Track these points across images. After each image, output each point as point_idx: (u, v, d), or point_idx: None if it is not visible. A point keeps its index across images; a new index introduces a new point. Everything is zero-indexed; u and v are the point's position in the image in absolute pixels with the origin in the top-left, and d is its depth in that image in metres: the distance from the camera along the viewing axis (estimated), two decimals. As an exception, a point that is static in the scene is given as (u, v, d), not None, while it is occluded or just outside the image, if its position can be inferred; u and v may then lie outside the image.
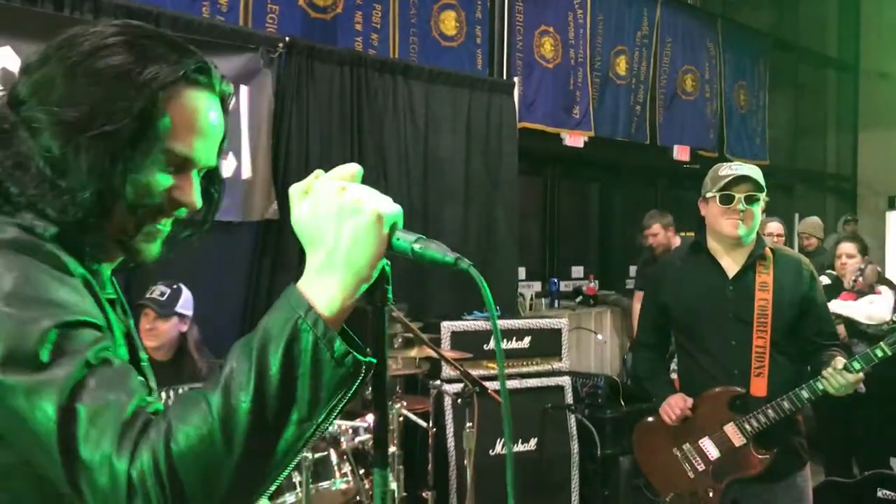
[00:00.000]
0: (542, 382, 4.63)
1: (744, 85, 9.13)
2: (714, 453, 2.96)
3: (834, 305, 4.43)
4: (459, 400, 3.66)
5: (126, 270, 1.21)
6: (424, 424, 3.82)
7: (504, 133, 5.59)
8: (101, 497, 0.87)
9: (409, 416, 3.69)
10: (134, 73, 1.06)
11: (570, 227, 7.75)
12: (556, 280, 6.93)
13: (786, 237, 5.58)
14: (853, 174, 11.49)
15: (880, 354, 2.75)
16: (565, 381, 4.72)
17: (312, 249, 0.98)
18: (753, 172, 2.89)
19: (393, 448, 3.35)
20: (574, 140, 6.88)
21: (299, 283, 0.96)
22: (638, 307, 4.28)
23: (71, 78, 1.06)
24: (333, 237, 0.96)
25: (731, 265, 2.96)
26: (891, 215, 10.68)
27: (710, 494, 2.96)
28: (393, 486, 3.33)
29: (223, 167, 1.27)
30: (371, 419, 3.42)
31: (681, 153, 8.08)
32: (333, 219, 0.96)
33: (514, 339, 4.59)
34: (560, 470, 4.60)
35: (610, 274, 7.80)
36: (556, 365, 4.71)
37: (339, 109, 4.64)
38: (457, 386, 3.72)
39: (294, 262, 4.16)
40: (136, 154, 1.07)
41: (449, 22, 5.78)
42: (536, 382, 4.61)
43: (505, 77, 5.98)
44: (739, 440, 2.90)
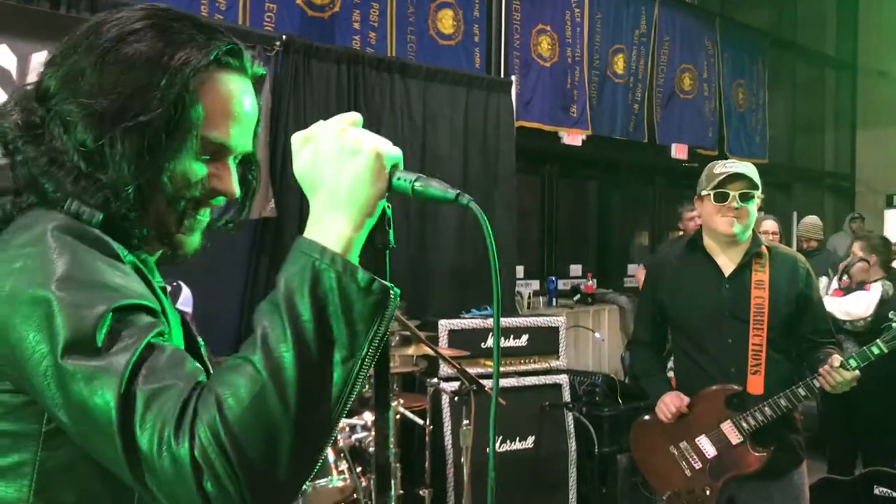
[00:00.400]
0: (540, 380, 4.63)
1: (742, 83, 9.13)
2: (711, 451, 2.96)
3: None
4: (457, 398, 3.66)
5: (168, 263, 1.19)
6: (421, 422, 3.82)
7: (501, 131, 5.58)
8: (168, 487, 0.84)
9: (407, 415, 3.69)
10: (164, 59, 1.03)
11: (568, 226, 7.75)
12: (555, 278, 6.93)
13: (782, 235, 5.57)
14: (851, 172, 11.50)
15: (877, 352, 2.76)
16: (563, 380, 4.72)
17: (314, 193, 0.97)
18: (748, 170, 2.88)
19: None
20: (572, 139, 6.88)
21: (307, 231, 0.95)
22: None
23: (100, 67, 1.03)
24: (334, 177, 0.95)
25: (728, 263, 2.96)
26: (889, 213, 10.68)
27: (707, 492, 2.96)
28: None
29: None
30: (368, 417, 3.43)
31: (679, 152, 8.08)
32: (334, 160, 0.96)
33: (512, 338, 4.58)
34: (558, 468, 4.60)
35: (608, 272, 7.80)
36: (554, 363, 4.71)
37: (337, 108, 4.63)
38: (454, 384, 3.72)
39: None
40: (172, 143, 1.04)
41: (446, 20, 5.78)
42: (534, 380, 4.61)
43: (502, 75, 5.98)
44: (736, 438, 2.90)
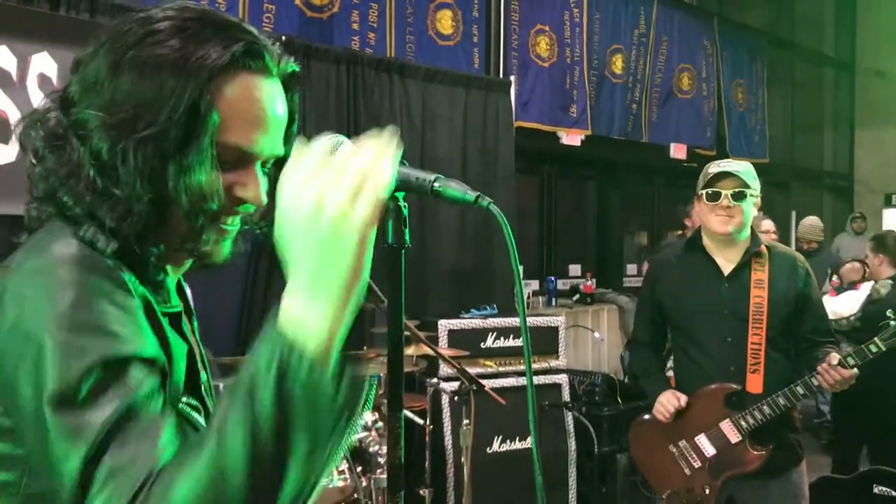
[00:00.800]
0: (540, 380, 4.62)
1: (742, 83, 9.14)
2: (710, 450, 2.96)
3: None
4: (456, 398, 3.67)
5: (199, 272, 1.14)
6: (421, 422, 3.82)
7: (500, 132, 5.59)
8: None
9: (407, 414, 3.69)
10: (179, 63, 0.97)
11: (568, 226, 7.75)
12: (554, 278, 6.94)
13: (779, 234, 5.59)
14: (850, 172, 11.51)
15: (875, 350, 2.76)
16: (563, 379, 4.72)
17: (289, 264, 0.84)
18: (739, 168, 2.88)
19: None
20: (571, 139, 6.89)
21: (283, 305, 0.83)
22: None
23: (116, 73, 0.98)
24: (315, 264, 0.82)
25: (727, 263, 2.97)
26: (888, 213, 10.70)
27: (707, 491, 2.96)
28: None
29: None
30: (368, 417, 3.43)
31: (678, 151, 8.09)
32: (312, 246, 0.82)
33: (512, 337, 4.58)
34: (557, 467, 4.60)
35: (607, 272, 7.81)
36: (554, 363, 4.71)
37: (336, 108, 4.64)
38: (454, 384, 3.73)
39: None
40: (186, 154, 0.98)
41: (445, 21, 5.79)
42: (534, 380, 4.60)
43: (501, 76, 5.99)
44: (735, 437, 2.90)
